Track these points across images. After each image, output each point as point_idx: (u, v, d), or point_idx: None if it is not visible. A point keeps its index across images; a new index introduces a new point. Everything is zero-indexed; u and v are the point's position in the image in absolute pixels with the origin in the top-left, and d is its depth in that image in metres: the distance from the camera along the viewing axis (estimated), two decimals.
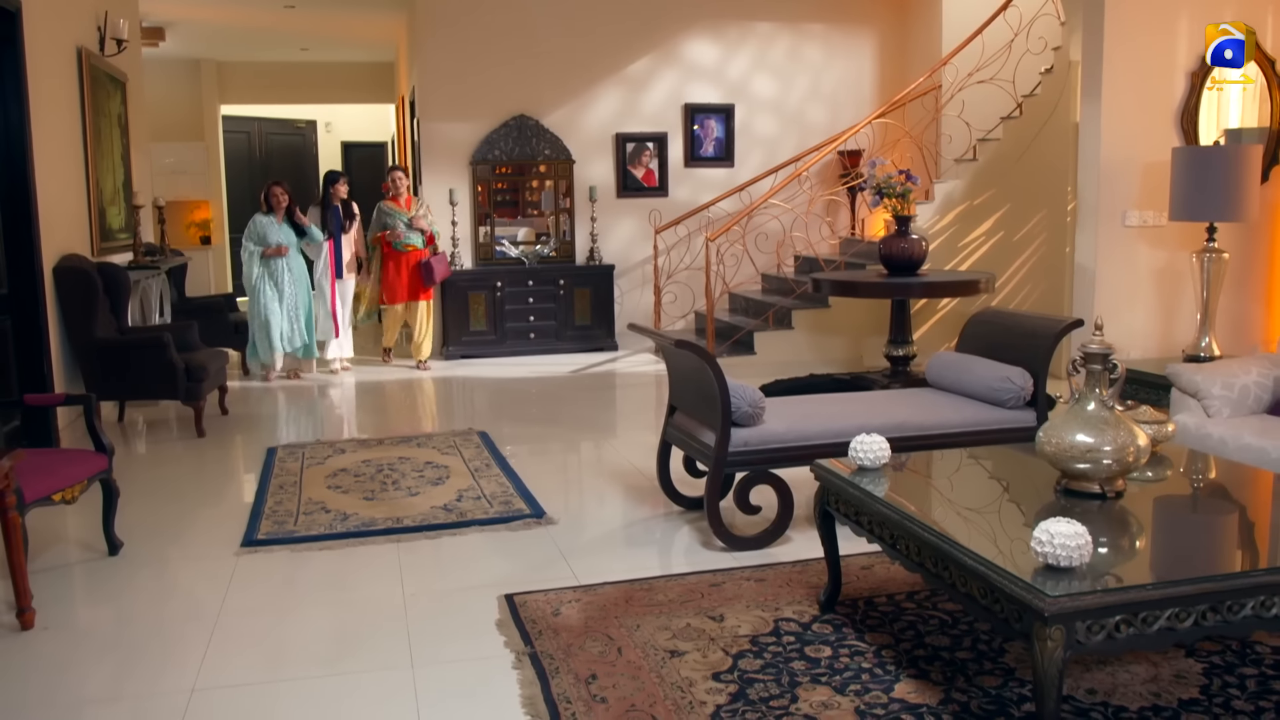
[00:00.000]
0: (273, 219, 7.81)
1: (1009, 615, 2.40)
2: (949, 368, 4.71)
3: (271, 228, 7.77)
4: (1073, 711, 2.73)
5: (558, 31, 9.24)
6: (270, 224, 7.77)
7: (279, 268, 7.78)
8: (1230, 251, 5.39)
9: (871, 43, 9.95)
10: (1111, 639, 2.32)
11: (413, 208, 8.47)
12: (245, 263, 7.79)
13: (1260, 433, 3.93)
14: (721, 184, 9.51)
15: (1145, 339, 5.64)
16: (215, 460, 5.83)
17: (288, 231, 7.87)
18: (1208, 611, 2.37)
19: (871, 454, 3.27)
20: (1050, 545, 2.36)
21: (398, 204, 8.46)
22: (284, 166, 14.56)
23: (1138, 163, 5.52)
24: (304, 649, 3.29)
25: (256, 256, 7.76)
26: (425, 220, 8.48)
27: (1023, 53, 8.10)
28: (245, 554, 4.13)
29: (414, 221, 8.40)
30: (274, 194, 7.86)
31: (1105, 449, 2.89)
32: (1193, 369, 4.35)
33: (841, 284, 6.74)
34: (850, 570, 3.75)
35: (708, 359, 4.02)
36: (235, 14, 10.33)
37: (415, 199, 8.61)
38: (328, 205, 8.28)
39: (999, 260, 8.19)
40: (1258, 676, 2.92)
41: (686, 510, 4.59)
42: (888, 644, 3.19)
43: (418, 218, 8.43)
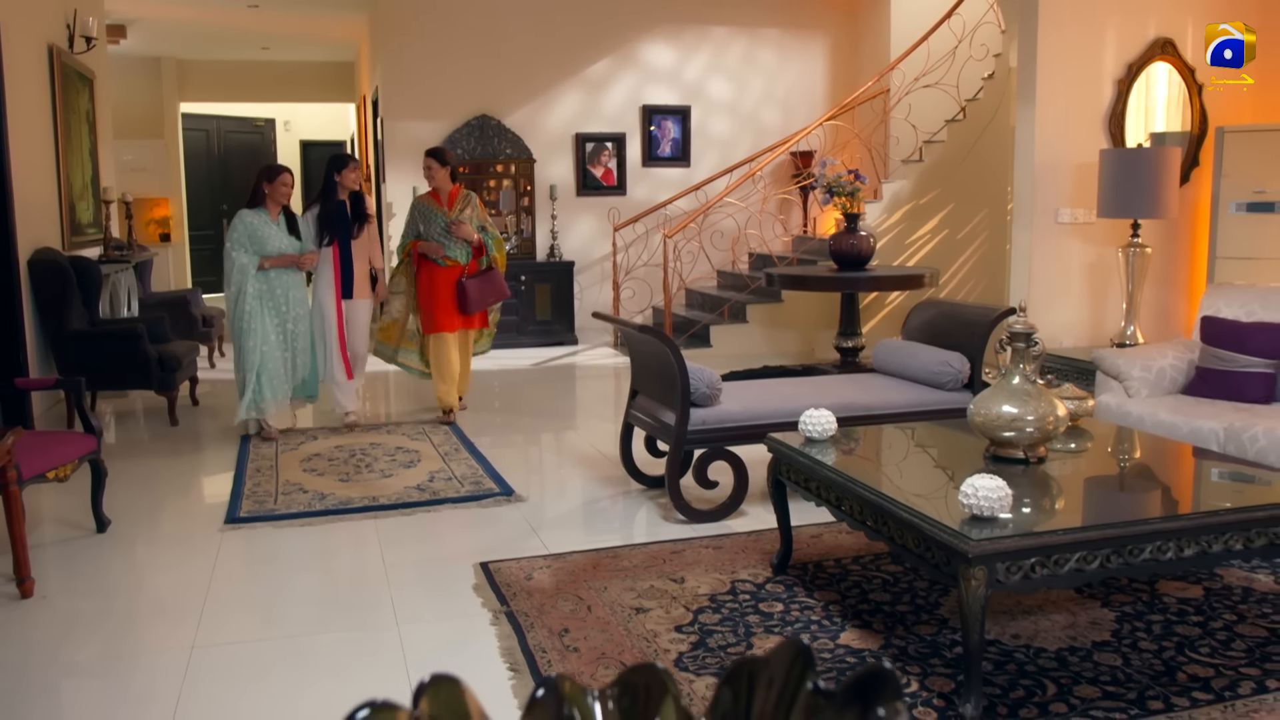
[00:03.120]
0: (267, 216, 5.79)
1: (939, 561, 2.71)
2: (894, 354, 5.04)
3: (269, 228, 5.75)
4: (998, 653, 3.05)
5: (519, 33, 9.47)
6: (266, 223, 5.75)
7: (282, 285, 5.78)
8: (1153, 247, 5.77)
9: (823, 48, 10.29)
10: (1028, 579, 2.63)
11: (457, 206, 6.18)
12: (232, 279, 5.70)
13: (1173, 410, 4.29)
14: (678, 183, 9.80)
15: (1077, 328, 6.01)
16: (190, 447, 6.01)
17: (283, 230, 5.86)
18: (1111, 554, 2.69)
19: (819, 426, 3.57)
20: (975, 497, 2.66)
21: (437, 200, 6.19)
22: (242, 165, 14.64)
23: (1069, 164, 5.88)
24: (294, 611, 3.52)
25: (251, 270, 5.68)
26: (472, 223, 6.17)
27: (966, 59, 8.49)
28: (229, 530, 4.34)
29: (454, 228, 6.07)
30: (285, 181, 5.82)
31: (1028, 418, 3.21)
32: (1115, 353, 4.71)
33: (793, 279, 7.06)
34: (801, 538, 4.05)
35: (668, 343, 4.31)
36: (198, 13, 10.45)
37: (462, 193, 6.27)
38: (329, 199, 6.07)
39: (944, 256, 8.56)
40: (1162, 621, 3.26)
41: (648, 488, 4.86)
42: (834, 600, 3.49)
43: (459, 221, 6.09)
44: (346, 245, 6.07)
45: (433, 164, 6.18)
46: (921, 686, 2.86)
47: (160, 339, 6.63)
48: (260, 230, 5.73)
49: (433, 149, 6.28)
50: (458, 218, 6.12)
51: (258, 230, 5.72)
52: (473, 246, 6.16)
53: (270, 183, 5.80)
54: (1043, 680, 2.88)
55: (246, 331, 5.69)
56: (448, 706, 0.59)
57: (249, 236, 5.71)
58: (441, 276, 6.11)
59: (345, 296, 6.09)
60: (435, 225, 6.13)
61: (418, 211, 6.25)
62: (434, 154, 6.25)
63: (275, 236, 5.77)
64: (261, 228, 5.74)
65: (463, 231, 6.09)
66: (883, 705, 0.56)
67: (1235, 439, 3.93)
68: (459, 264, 6.13)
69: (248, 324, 5.69)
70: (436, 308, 6.13)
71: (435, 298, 6.12)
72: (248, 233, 5.72)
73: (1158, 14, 5.95)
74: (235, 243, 5.72)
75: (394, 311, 6.36)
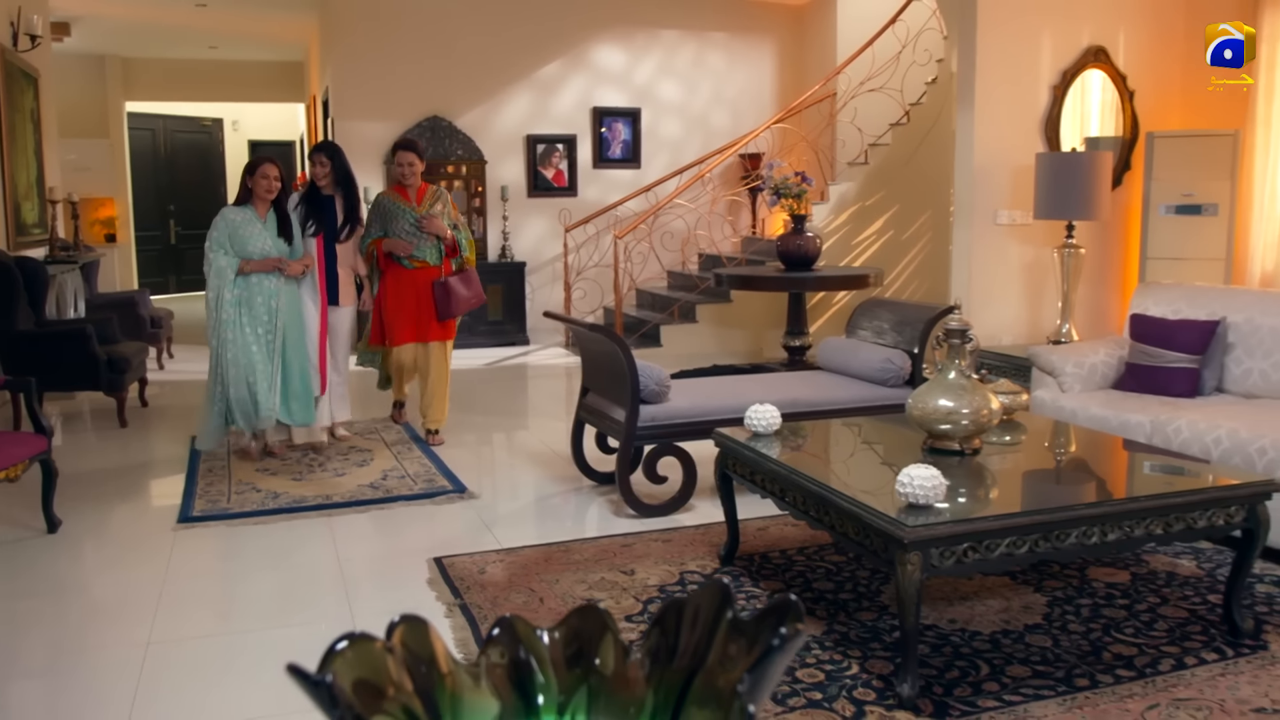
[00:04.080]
0: (251, 212, 5.21)
1: (877, 547, 2.83)
2: (838, 352, 5.18)
3: (251, 226, 5.17)
4: (935, 637, 3.18)
5: (470, 35, 9.51)
6: (250, 221, 5.18)
7: (263, 292, 5.17)
8: (1087, 247, 5.97)
9: (771, 51, 10.45)
10: (961, 563, 2.76)
11: (426, 201, 5.65)
12: (210, 282, 5.16)
13: (1104, 404, 4.47)
14: (629, 184, 9.90)
15: (1015, 326, 6.20)
16: (140, 448, 5.99)
17: (272, 230, 5.26)
18: (1039, 539, 2.83)
19: (764, 421, 3.69)
20: (910, 486, 2.79)
21: (404, 195, 5.63)
22: (189, 165, 14.53)
23: (1007, 166, 6.07)
24: (250, 606, 3.56)
25: (230, 274, 5.12)
26: (444, 219, 5.66)
27: (910, 64, 8.68)
28: (182, 529, 4.36)
29: (424, 223, 5.56)
30: (265, 173, 5.18)
31: (963, 412, 3.34)
32: (1050, 350, 4.88)
33: (742, 279, 7.19)
34: (748, 531, 4.16)
35: (618, 341, 4.40)
36: (145, 11, 10.35)
37: (432, 188, 5.76)
38: (313, 196, 5.57)
39: (889, 257, 8.75)
40: (1091, 605, 3.41)
41: (599, 484, 4.95)
42: (779, 589, 3.60)
43: (430, 216, 5.58)
44: (331, 245, 5.57)
45: (414, 159, 5.62)
46: (862, 669, 2.98)
47: (109, 340, 6.59)
48: (242, 229, 5.16)
49: (406, 141, 5.74)
50: (429, 213, 5.59)
51: (239, 229, 5.16)
52: (445, 245, 5.64)
53: (252, 176, 5.21)
54: (976, 661, 3.01)
55: (223, 343, 5.11)
56: (416, 642, 0.68)
57: (230, 236, 5.15)
58: (406, 280, 5.58)
59: (330, 302, 5.60)
60: (402, 222, 5.57)
61: (380, 209, 5.65)
62: (410, 146, 5.66)
63: (258, 236, 5.17)
64: (243, 226, 5.16)
65: (434, 227, 5.55)
66: (785, 625, 0.65)
67: (1160, 431, 4.11)
68: (428, 265, 5.61)
69: (223, 334, 5.11)
70: (400, 315, 5.60)
71: (400, 304, 5.59)
72: (228, 231, 5.16)
73: (1091, 23, 6.15)
74: (214, 243, 5.16)
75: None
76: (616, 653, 0.73)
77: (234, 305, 5.12)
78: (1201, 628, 3.24)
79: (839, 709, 2.75)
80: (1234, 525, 3.12)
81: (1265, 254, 5.85)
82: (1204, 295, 4.80)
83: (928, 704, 2.76)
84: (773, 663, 0.64)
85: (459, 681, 0.73)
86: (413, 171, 5.59)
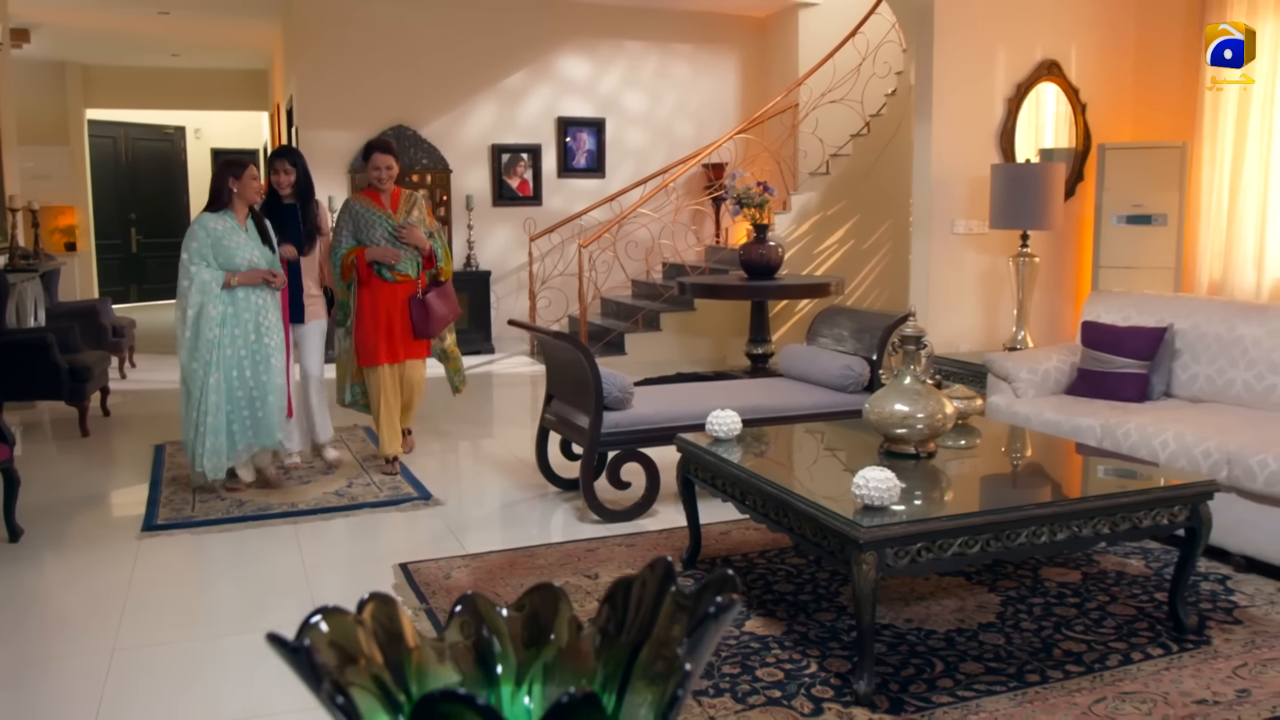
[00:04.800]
0: (233, 220, 4.72)
1: (834, 548, 2.90)
2: (798, 359, 5.26)
3: (236, 235, 4.70)
4: (892, 636, 3.26)
5: (435, 45, 9.55)
6: (234, 229, 4.70)
7: (251, 308, 4.72)
8: (1041, 256, 6.11)
9: (735, 63, 10.56)
10: (915, 562, 2.84)
11: (401, 208, 5.21)
12: (190, 297, 4.65)
13: (1057, 409, 4.58)
14: (593, 194, 9.96)
15: (972, 333, 6.32)
16: (103, 457, 5.96)
17: (254, 238, 4.81)
18: (991, 539, 2.91)
19: (725, 426, 3.76)
20: (866, 488, 2.87)
21: (377, 201, 5.17)
22: (151, 172, 14.43)
23: (964, 177, 6.19)
24: (216, 612, 3.58)
25: (216, 288, 4.65)
26: (421, 228, 5.22)
27: (870, 76, 8.83)
28: (147, 537, 4.36)
29: (402, 232, 5.11)
30: (251, 174, 4.75)
31: (918, 416, 3.43)
32: (1004, 356, 4.99)
33: (705, 287, 7.27)
34: (710, 535, 4.23)
35: (582, 349, 4.46)
36: (107, 18, 10.29)
37: (406, 193, 5.30)
38: (273, 205, 5.21)
39: (851, 265, 8.87)
40: (1043, 604, 3.51)
41: (563, 490, 5.00)
42: (740, 591, 3.67)
43: (409, 225, 5.14)
44: (295, 260, 5.16)
45: (392, 162, 5.17)
46: (820, 668, 3.05)
47: (70, 349, 6.55)
48: (226, 238, 4.65)
49: (382, 142, 5.28)
50: (406, 221, 5.15)
51: (223, 238, 4.65)
52: (422, 257, 5.22)
53: (238, 179, 4.70)
54: (931, 659, 3.09)
55: (209, 365, 4.62)
56: (385, 617, 0.73)
57: (213, 246, 4.64)
58: (384, 295, 5.12)
59: (294, 320, 5.15)
60: (376, 231, 5.11)
61: (352, 215, 5.15)
62: (386, 148, 5.22)
63: (244, 246, 4.70)
64: (228, 235, 4.66)
65: (413, 237, 5.11)
66: (721, 595, 0.72)
67: (1110, 434, 4.22)
68: (408, 278, 5.18)
69: (206, 356, 4.62)
70: (379, 333, 5.11)
71: (378, 321, 5.10)
72: (211, 241, 4.64)
73: (1044, 38, 6.30)
74: (194, 254, 4.63)
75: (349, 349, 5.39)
76: (570, 628, 0.79)
77: (220, 323, 4.64)
78: (1148, 624, 3.34)
79: (797, 706, 2.82)
80: (1178, 524, 3.23)
81: (1213, 263, 6.01)
82: (1152, 303, 4.93)
83: (884, 700, 2.84)
84: (709, 628, 0.70)
85: (424, 655, 0.79)
86: (390, 175, 5.16)
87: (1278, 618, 3.40)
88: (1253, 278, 5.82)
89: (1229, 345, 4.53)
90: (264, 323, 4.75)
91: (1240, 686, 2.91)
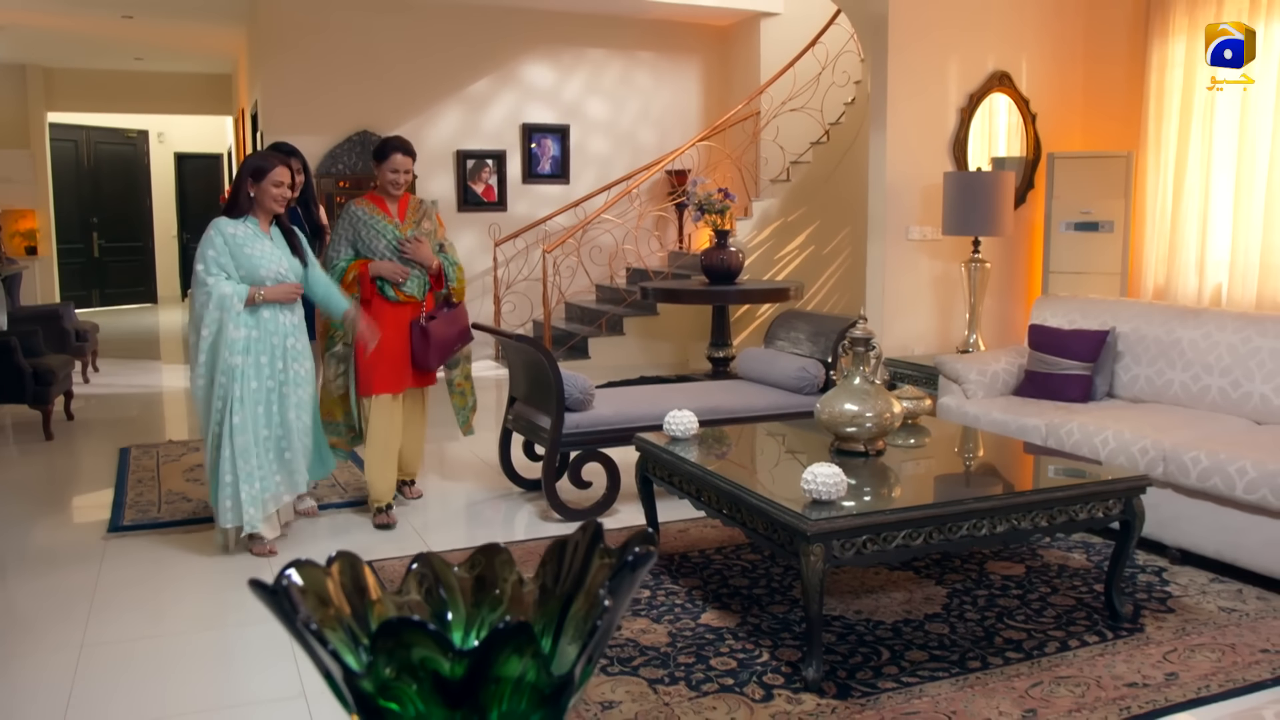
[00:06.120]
0: (255, 226, 4.04)
1: (784, 541, 3.02)
2: (756, 361, 5.40)
3: (259, 243, 4.02)
4: (842, 627, 3.39)
5: (400, 51, 9.61)
6: (256, 236, 4.03)
7: (279, 329, 4.06)
8: (992, 262, 6.28)
9: (697, 71, 10.71)
10: (861, 554, 2.97)
11: (410, 218, 4.55)
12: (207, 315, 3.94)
13: (1004, 409, 4.74)
14: (558, 200, 10.06)
15: (926, 336, 6.48)
16: (67, 460, 5.99)
17: (281, 248, 4.12)
18: (933, 531, 3.05)
19: (682, 426, 3.88)
20: (814, 483, 2.99)
21: (383, 208, 4.51)
22: (113, 175, 14.36)
23: (918, 184, 6.36)
24: (184, 611, 3.65)
25: (236, 307, 3.94)
26: (431, 241, 4.58)
27: (829, 85, 9.01)
28: (113, 538, 4.41)
29: (405, 247, 4.45)
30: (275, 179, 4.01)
31: (867, 415, 3.56)
32: (955, 359, 5.15)
33: (667, 292, 7.40)
34: (669, 532, 4.34)
35: (544, 351, 4.56)
36: (69, 21, 10.26)
37: (415, 200, 4.66)
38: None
39: (811, 271, 9.03)
40: (987, 596, 3.66)
41: (526, 491, 5.10)
42: (697, 586, 3.78)
43: (414, 240, 4.48)
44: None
45: (410, 165, 4.52)
46: (772, 657, 3.17)
47: (34, 353, 6.57)
48: (248, 245, 3.98)
49: (399, 141, 4.56)
50: (415, 233, 4.51)
51: (243, 246, 3.97)
52: (430, 275, 4.56)
53: (258, 183, 3.99)
54: (879, 648, 3.22)
55: (231, 400, 3.94)
56: (351, 573, 0.84)
57: (232, 254, 3.97)
58: (388, 316, 4.43)
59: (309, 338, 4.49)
60: (379, 242, 4.44)
61: (353, 223, 4.46)
62: (403, 148, 4.52)
63: (269, 256, 4.01)
64: (250, 242, 3.99)
65: (418, 253, 4.45)
66: (639, 546, 0.83)
67: (1055, 433, 4.38)
68: (414, 299, 4.53)
69: (231, 389, 3.94)
70: (382, 358, 4.43)
71: (379, 345, 4.36)
72: (230, 249, 3.96)
73: (995, 50, 6.49)
74: (211, 263, 3.94)
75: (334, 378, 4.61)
76: (514, 583, 0.90)
77: (244, 348, 3.95)
78: (1086, 614, 3.49)
79: (749, 693, 2.94)
80: (1112, 517, 3.38)
81: (1157, 268, 6.20)
82: (1096, 307, 5.11)
83: (831, 686, 2.96)
84: (627, 574, 0.81)
85: (385, 606, 0.89)
86: (407, 181, 4.54)
87: (1209, 606, 3.56)
88: (1195, 283, 6.02)
89: (1168, 348, 4.71)
90: (291, 347, 4.09)
91: (1169, 670, 3.06)
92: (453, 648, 0.74)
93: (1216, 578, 3.82)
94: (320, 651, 0.80)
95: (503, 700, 0.79)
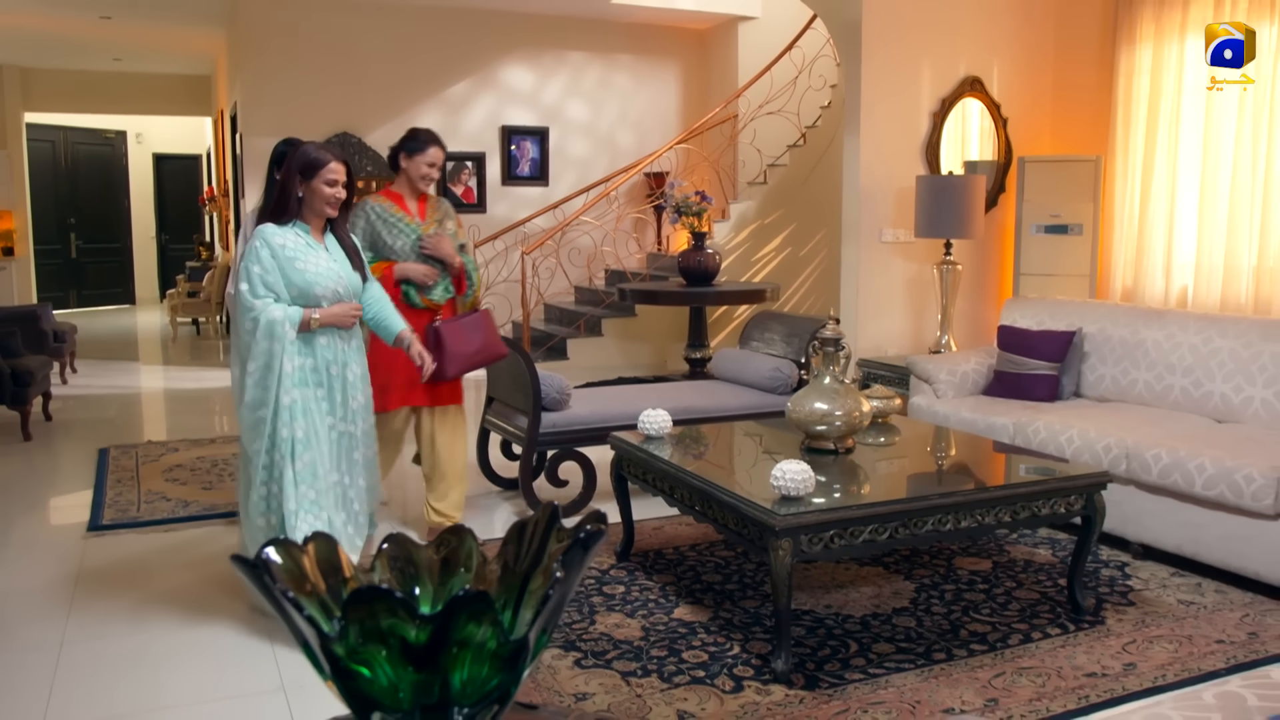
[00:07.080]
0: (305, 232, 3.38)
1: (754, 536, 3.10)
2: (731, 362, 5.48)
3: (313, 255, 3.36)
4: (812, 621, 3.46)
5: (380, 52, 9.64)
6: (310, 247, 3.37)
7: (338, 358, 3.42)
8: (964, 264, 6.39)
9: (675, 74, 10.79)
10: (828, 548, 3.04)
11: (431, 216, 4.20)
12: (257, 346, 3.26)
13: (974, 409, 4.83)
14: (537, 201, 10.11)
15: (899, 337, 6.58)
16: (46, 461, 6.00)
17: (339, 260, 3.45)
18: (899, 526, 3.13)
19: (656, 425, 3.95)
20: (783, 480, 3.07)
21: (402, 205, 4.16)
22: (91, 176, 14.33)
23: (891, 187, 6.46)
24: (164, 607, 3.68)
25: (289, 335, 3.27)
26: (453, 240, 4.21)
27: (806, 89, 9.11)
28: (93, 537, 4.45)
29: (427, 242, 4.10)
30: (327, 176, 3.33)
31: (837, 413, 3.64)
32: (926, 359, 5.24)
33: (645, 294, 7.47)
34: (644, 530, 4.41)
35: (520, 352, 4.63)
36: (47, 21, 10.25)
37: (434, 199, 4.29)
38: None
39: (788, 272, 9.12)
40: (954, 590, 3.74)
41: (504, 490, 5.15)
42: (671, 582, 3.85)
43: (436, 237, 4.12)
44: None
45: (442, 156, 4.15)
46: (743, 650, 3.25)
47: (12, 353, 6.58)
48: (299, 258, 3.31)
49: (430, 134, 4.17)
50: (436, 231, 4.15)
51: (294, 259, 3.30)
52: (452, 276, 4.20)
53: (308, 181, 3.33)
54: (847, 641, 3.30)
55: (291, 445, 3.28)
56: (326, 553, 0.90)
57: (281, 269, 3.29)
58: (415, 324, 3.87)
59: None
60: (400, 242, 4.09)
61: (370, 221, 4.09)
62: (437, 140, 4.16)
63: (325, 271, 3.35)
64: (301, 254, 3.32)
65: (440, 248, 4.09)
66: (590, 525, 0.89)
67: (1022, 432, 4.48)
68: (436, 305, 4.18)
69: (288, 430, 3.28)
70: (395, 370, 4.04)
71: (394, 354, 3.87)
72: (279, 263, 3.29)
73: (967, 56, 6.60)
74: (257, 282, 3.26)
75: None
76: (478, 561, 0.97)
77: (299, 381, 3.31)
78: (1050, 607, 3.58)
79: (719, 684, 3.01)
80: (1074, 513, 3.47)
81: (1125, 270, 6.32)
82: (1064, 308, 5.22)
83: (800, 678, 3.04)
84: (579, 551, 0.88)
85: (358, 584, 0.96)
86: (436, 177, 4.18)
87: (1168, 599, 3.66)
88: (1162, 285, 6.14)
89: (1132, 348, 4.81)
90: (351, 376, 3.46)
91: (1128, 661, 3.16)
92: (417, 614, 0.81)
93: (1177, 572, 3.92)
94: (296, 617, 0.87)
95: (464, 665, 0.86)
